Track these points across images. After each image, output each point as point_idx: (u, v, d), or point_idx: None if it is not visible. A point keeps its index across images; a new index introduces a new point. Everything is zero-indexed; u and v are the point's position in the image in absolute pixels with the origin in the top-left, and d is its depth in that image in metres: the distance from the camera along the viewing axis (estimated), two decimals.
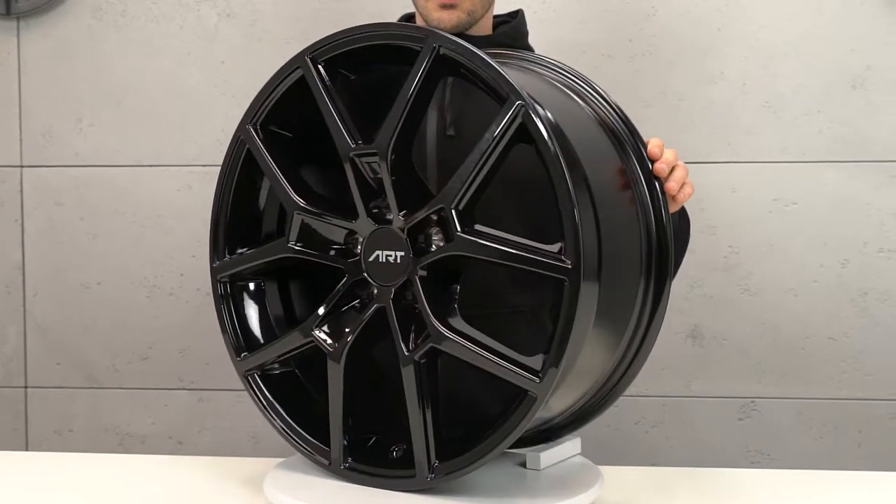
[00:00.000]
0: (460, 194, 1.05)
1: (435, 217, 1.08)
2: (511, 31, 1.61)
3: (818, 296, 2.16)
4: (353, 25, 1.18)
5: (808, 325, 2.17)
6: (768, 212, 2.16)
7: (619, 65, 2.16)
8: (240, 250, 1.29)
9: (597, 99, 1.30)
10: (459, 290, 1.10)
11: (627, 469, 1.40)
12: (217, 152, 2.24)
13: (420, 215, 1.08)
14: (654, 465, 2.11)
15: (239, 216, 1.31)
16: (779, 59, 2.14)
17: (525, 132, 1.01)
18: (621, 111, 1.30)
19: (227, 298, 1.32)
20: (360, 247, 1.15)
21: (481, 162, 1.03)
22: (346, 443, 1.17)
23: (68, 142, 2.28)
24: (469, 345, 1.05)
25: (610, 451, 2.12)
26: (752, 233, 2.16)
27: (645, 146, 1.27)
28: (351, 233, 1.18)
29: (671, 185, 1.26)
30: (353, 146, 1.12)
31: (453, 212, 1.05)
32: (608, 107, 1.30)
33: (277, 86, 1.21)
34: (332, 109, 1.13)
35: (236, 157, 1.28)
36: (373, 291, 1.14)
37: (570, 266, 0.99)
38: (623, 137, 1.28)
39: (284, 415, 1.24)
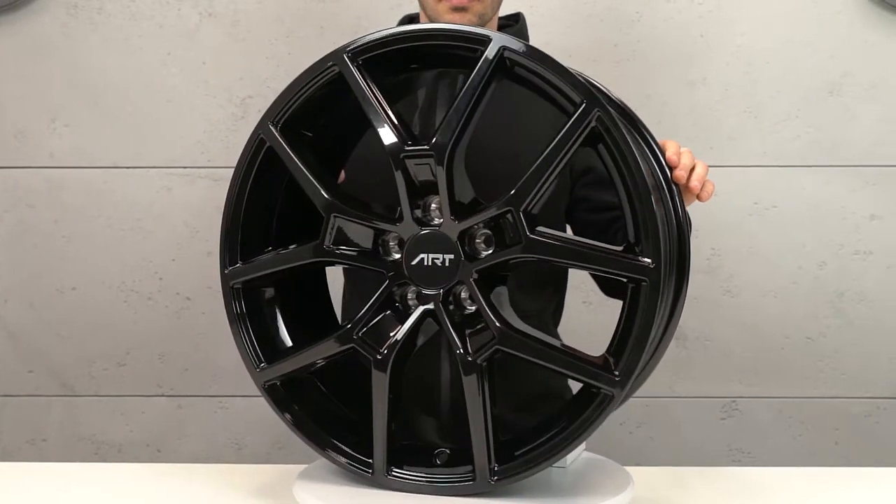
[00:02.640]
0: (530, 197, 1.04)
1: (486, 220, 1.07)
2: (516, 33, 1.61)
3: (797, 297, 2.21)
4: (401, 26, 1.15)
5: (787, 326, 2.22)
6: (749, 215, 2.20)
7: (604, 69, 2.18)
8: (267, 253, 1.23)
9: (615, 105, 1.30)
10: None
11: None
12: (198, 154, 2.21)
13: (477, 218, 1.07)
14: (638, 465, 2.12)
15: (255, 219, 1.25)
16: (759, 66, 2.19)
17: (594, 135, 1.01)
18: (635, 115, 1.31)
19: (242, 306, 1.24)
20: (397, 250, 1.12)
21: (554, 165, 1.03)
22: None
23: (42, 142, 2.22)
24: (540, 345, 1.05)
25: (595, 452, 2.13)
26: (733, 235, 2.21)
27: (661, 149, 1.28)
28: (378, 234, 1.15)
29: (694, 185, 1.27)
30: (406, 147, 1.09)
31: (522, 214, 1.05)
32: (623, 111, 1.31)
33: (307, 84, 1.16)
34: (380, 109, 1.10)
35: (254, 157, 1.21)
36: (411, 295, 1.12)
37: (651, 266, 1.00)
38: (639, 141, 1.30)
39: (314, 426, 1.20)
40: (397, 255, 1.14)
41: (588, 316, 2.17)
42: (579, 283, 2.05)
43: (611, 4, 2.19)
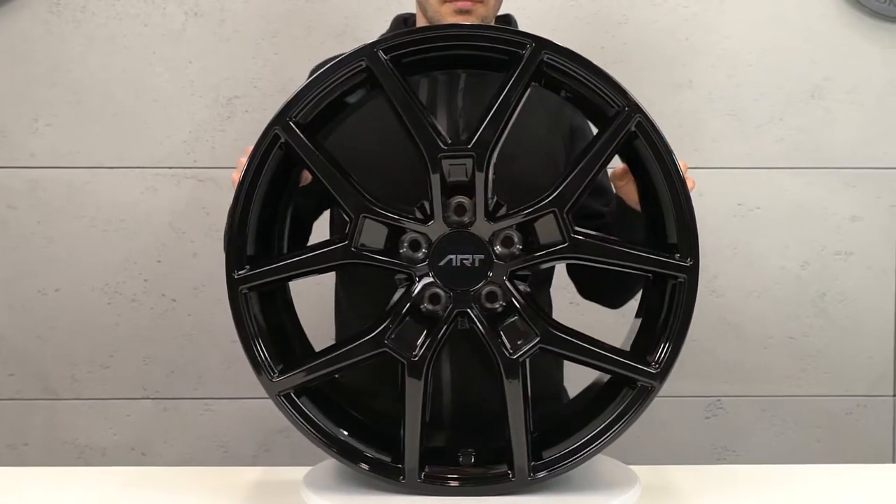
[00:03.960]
0: (574, 198, 1.05)
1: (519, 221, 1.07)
2: None
3: (780, 297, 2.25)
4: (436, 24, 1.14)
5: (771, 326, 2.25)
6: (733, 216, 2.23)
7: None
8: (290, 257, 1.17)
9: None
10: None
11: None
12: (183, 154, 2.19)
13: (515, 220, 1.07)
14: (624, 463, 2.15)
15: (265, 221, 1.20)
16: (743, 69, 2.22)
17: (629, 140, 1.03)
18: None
19: (252, 311, 1.17)
20: (421, 251, 1.10)
21: (597, 168, 1.05)
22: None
23: (23, 142, 2.18)
24: (583, 342, 1.07)
25: None
26: (717, 236, 2.23)
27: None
28: (399, 235, 1.12)
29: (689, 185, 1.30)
30: (444, 147, 1.08)
31: (566, 215, 1.05)
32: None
33: (331, 81, 1.11)
34: (417, 107, 1.08)
35: (265, 155, 1.14)
36: (437, 296, 1.10)
37: (690, 265, 1.08)
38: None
39: (335, 434, 1.16)
40: (419, 256, 1.11)
41: (575, 316, 2.17)
42: (566, 282, 2.06)
43: (597, 8, 2.21)
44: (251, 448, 2.24)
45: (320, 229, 1.57)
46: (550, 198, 1.07)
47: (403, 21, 1.65)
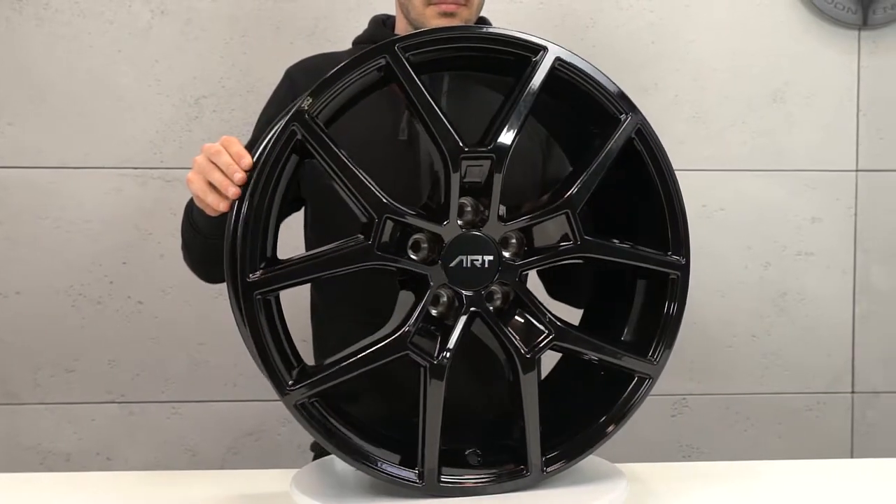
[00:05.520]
0: (584, 200, 1.09)
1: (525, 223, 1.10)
2: None
3: (743, 297, 2.30)
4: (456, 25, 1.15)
5: (734, 325, 2.30)
6: (697, 217, 2.27)
7: None
8: (310, 258, 1.10)
9: None
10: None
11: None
12: (150, 154, 2.17)
13: (527, 222, 1.09)
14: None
15: (276, 222, 1.14)
16: (707, 73, 2.26)
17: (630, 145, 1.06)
18: None
19: (267, 317, 1.08)
20: (429, 252, 1.10)
21: (605, 170, 1.08)
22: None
23: None
24: (591, 339, 1.12)
25: None
26: None
27: None
28: (410, 236, 1.10)
29: None
30: (466, 148, 1.08)
31: (577, 217, 1.09)
32: None
33: (351, 77, 1.06)
34: (437, 108, 1.07)
35: (282, 152, 1.07)
36: (449, 298, 1.10)
37: (683, 262, 1.15)
38: None
39: (354, 439, 1.11)
40: (433, 257, 1.09)
41: None
42: (536, 282, 2.08)
43: (566, 11, 2.24)
44: (219, 451, 2.22)
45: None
46: (561, 200, 1.09)
47: (382, 22, 1.65)
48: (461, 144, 1.08)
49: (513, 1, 2.23)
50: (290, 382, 1.05)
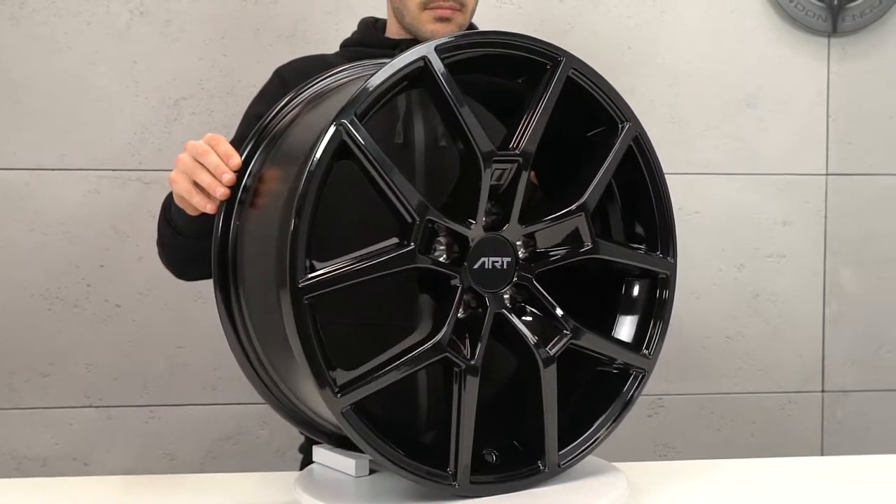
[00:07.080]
0: (595, 202, 1.13)
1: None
2: None
3: (717, 298, 2.34)
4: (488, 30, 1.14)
5: (709, 326, 2.34)
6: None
7: None
8: (358, 261, 1.05)
9: None
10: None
11: None
12: (128, 156, 2.15)
13: (546, 224, 1.12)
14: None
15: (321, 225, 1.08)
16: (682, 79, 2.31)
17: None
18: None
19: (315, 322, 1.02)
20: (449, 253, 1.10)
21: (611, 174, 1.13)
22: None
23: None
24: (601, 338, 1.15)
25: None
26: None
27: None
28: (434, 238, 1.09)
29: None
30: (497, 150, 1.08)
31: (590, 218, 1.13)
32: None
33: (390, 77, 1.04)
34: (470, 109, 1.08)
35: (325, 153, 1.01)
36: (484, 299, 1.11)
37: (673, 262, 1.23)
38: None
39: (391, 445, 1.07)
40: (459, 259, 1.10)
41: None
42: None
43: (544, 16, 2.26)
44: (198, 455, 2.21)
45: None
46: (577, 203, 1.12)
47: (373, 24, 1.65)
48: (493, 146, 1.08)
49: (492, 6, 2.25)
50: (337, 388, 1.01)
